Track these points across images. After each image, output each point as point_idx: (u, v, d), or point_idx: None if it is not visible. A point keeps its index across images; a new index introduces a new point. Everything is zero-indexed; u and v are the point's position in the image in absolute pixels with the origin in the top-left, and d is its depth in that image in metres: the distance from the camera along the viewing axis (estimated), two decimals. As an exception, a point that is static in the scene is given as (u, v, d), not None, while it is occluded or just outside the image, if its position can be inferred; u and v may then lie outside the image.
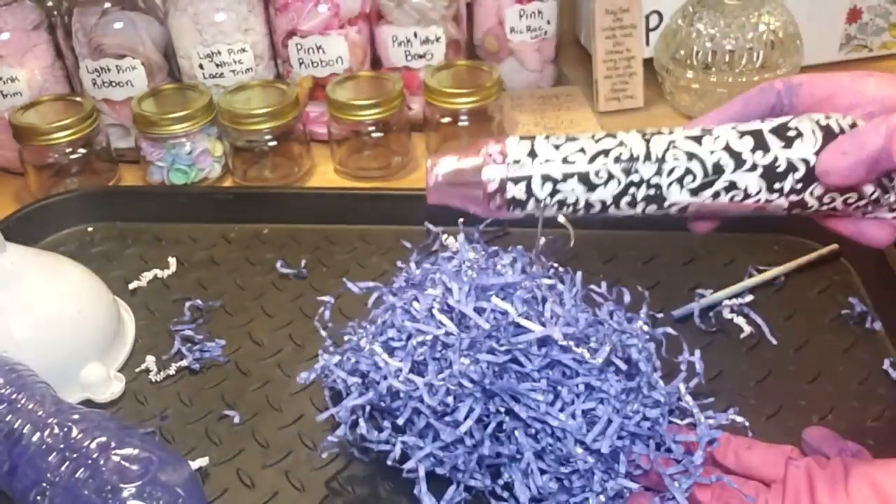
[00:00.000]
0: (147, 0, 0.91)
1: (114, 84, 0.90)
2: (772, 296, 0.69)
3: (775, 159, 0.46)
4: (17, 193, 0.91)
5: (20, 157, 0.87)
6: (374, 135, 0.88)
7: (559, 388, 0.51)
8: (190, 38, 0.91)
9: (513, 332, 0.51)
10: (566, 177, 0.48)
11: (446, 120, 0.89)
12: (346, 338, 0.59)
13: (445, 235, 0.75)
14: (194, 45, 0.91)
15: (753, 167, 0.46)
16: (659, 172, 0.47)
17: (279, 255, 0.77)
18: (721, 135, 0.47)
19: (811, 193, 0.47)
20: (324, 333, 0.60)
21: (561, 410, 0.50)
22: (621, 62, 0.94)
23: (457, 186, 0.50)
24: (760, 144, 0.47)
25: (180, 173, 0.88)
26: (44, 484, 0.50)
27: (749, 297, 0.68)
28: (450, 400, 0.50)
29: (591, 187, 0.48)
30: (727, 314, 0.67)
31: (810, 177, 0.46)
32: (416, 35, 0.93)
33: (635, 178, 0.47)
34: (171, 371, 0.66)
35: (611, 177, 0.47)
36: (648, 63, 0.96)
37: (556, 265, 0.63)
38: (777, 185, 0.47)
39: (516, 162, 0.48)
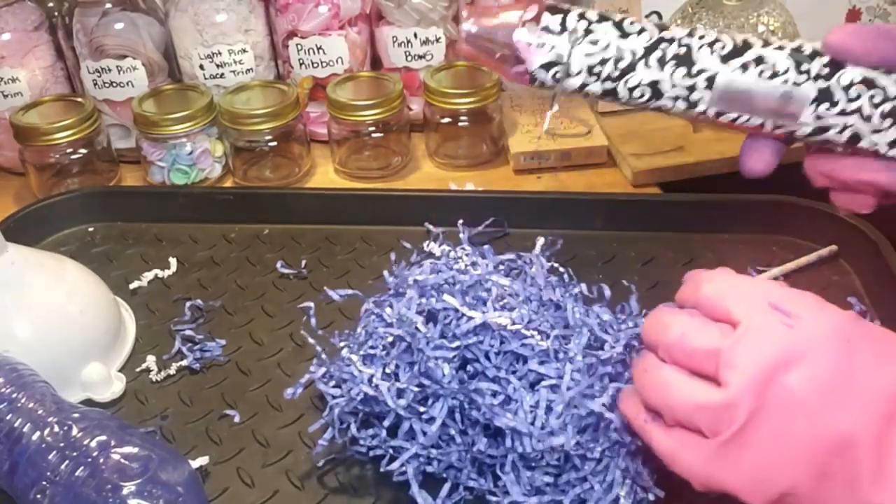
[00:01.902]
0: (148, 0, 0.91)
1: (114, 84, 0.90)
2: (771, 296, 0.69)
3: (801, 45, 0.48)
4: (18, 193, 0.91)
5: (21, 158, 0.87)
6: (374, 135, 0.88)
7: (511, 382, 0.51)
8: (190, 39, 0.91)
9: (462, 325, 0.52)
10: (601, 19, 0.48)
11: (446, 120, 0.89)
12: (340, 344, 0.59)
13: (429, 242, 0.75)
14: (195, 45, 0.91)
15: (781, 48, 0.48)
16: (691, 35, 0.48)
17: (279, 256, 0.77)
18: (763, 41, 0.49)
19: (839, 81, 0.47)
20: (312, 341, 0.60)
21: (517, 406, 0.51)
22: (621, 62, 0.94)
23: (487, 41, 0.49)
24: (792, 42, 0.48)
25: (181, 173, 0.88)
26: (44, 482, 0.50)
27: (748, 297, 0.68)
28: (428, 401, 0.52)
29: (624, 34, 0.48)
30: (726, 314, 0.67)
31: (837, 64, 0.47)
32: (416, 36, 0.93)
33: (667, 35, 0.48)
34: (172, 371, 0.66)
35: (643, 29, 0.48)
36: (648, 63, 0.96)
37: (556, 265, 0.63)
38: (804, 67, 0.47)
39: (547, 29, 0.48)
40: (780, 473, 0.41)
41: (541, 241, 0.67)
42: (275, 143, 0.88)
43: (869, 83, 0.47)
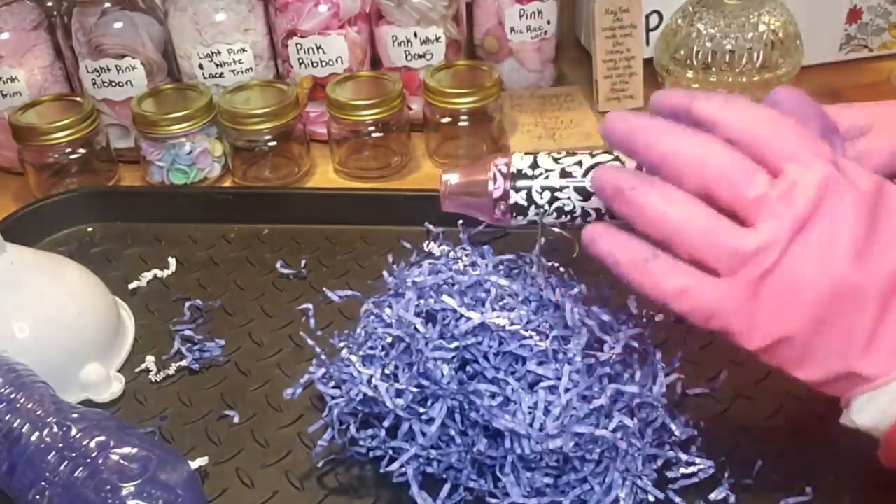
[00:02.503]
0: (147, 0, 0.91)
1: (113, 84, 0.90)
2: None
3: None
4: (16, 193, 0.91)
5: (20, 157, 0.87)
6: (373, 135, 0.88)
7: (509, 383, 0.51)
8: (190, 38, 0.91)
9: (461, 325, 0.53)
10: (563, 187, 0.51)
11: (446, 120, 0.89)
12: (340, 345, 0.59)
13: (429, 242, 0.75)
14: (194, 44, 0.91)
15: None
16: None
17: (279, 256, 0.77)
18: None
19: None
20: (311, 342, 0.60)
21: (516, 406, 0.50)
22: (621, 62, 0.94)
23: (467, 195, 0.55)
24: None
25: (180, 173, 0.88)
26: (43, 483, 0.50)
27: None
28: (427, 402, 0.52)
29: (586, 196, 0.51)
30: (727, 314, 0.67)
31: None
32: (416, 35, 0.93)
33: None
34: (171, 371, 0.66)
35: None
36: (648, 63, 0.96)
37: (557, 266, 0.63)
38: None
39: (519, 171, 0.52)
40: (786, 318, 0.42)
41: (541, 240, 0.67)
42: (274, 143, 0.88)
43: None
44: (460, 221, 0.72)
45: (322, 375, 0.57)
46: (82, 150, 0.87)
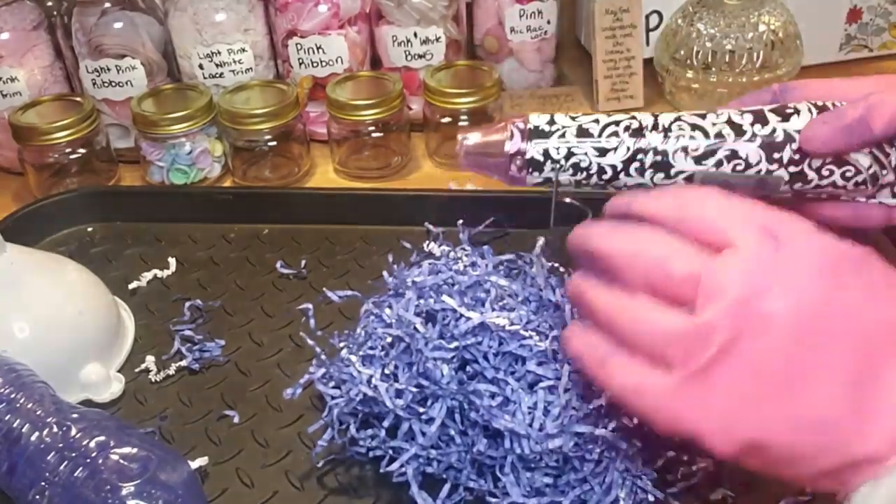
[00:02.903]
0: (147, 0, 0.91)
1: (113, 84, 0.90)
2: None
3: (773, 130, 0.50)
4: (16, 193, 0.91)
5: (20, 157, 0.87)
6: (373, 135, 0.88)
7: (509, 383, 0.51)
8: (190, 38, 0.91)
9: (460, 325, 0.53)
10: (580, 141, 0.51)
11: (446, 120, 0.89)
12: (340, 345, 0.59)
13: (429, 242, 0.75)
14: (194, 44, 0.91)
15: (753, 137, 0.50)
16: (665, 141, 0.50)
17: (279, 256, 0.77)
18: (724, 112, 0.51)
19: (809, 165, 0.50)
20: (311, 342, 0.60)
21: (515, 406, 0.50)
22: (621, 62, 0.94)
23: (483, 155, 0.54)
24: (760, 119, 0.50)
25: (180, 173, 0.88)
26: (43, 483, 0.50)
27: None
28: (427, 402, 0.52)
29: (602, 152, 0.51)
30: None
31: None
32: (416, 35, 0.93)
33: (643, 144, 0.51)
34: (171, 371, 0.66)
35: (620, 144, 0.51)
36: (648, 63, 0.96)
37: (557, 266, 0.63)
38: (776, 155, 0.50)
39: (536, 128, 0.52)
40: (751, 415, 0.38)
41: (541, 240, 0.67)
42: (274, 143, 0.88)
43: (839, 161, 0.50)
44: (460, 221, 0.72)
45: (322, 375, 0.57)
46: (82, 150, 0.87)
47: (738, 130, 0.50)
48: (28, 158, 0.87)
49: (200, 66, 0.91)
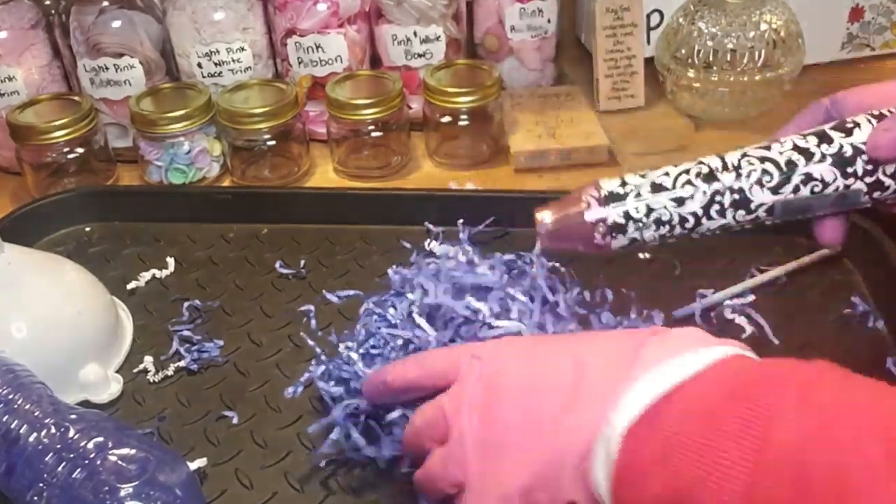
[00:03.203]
0: (145, -1, 0.90)
1: (112, 83, 0.90)
2: (774, 296, 0.69)
3: (840, 147, 0.51)
4: (14, 193, 0.91)
5: (17, 157, 0.87)
6: (373, 134, 0.88)
7: None
8: (188, 37, 0.90)
9: (486, 331, 0.53)
10: (656, 196, 0.52)
11: (446, 119, 0.89)
12: (340, 345, 0.59)
13: (430, 241, 0.74)
14: (193, 43, 0.90)
15: (823, 157, 0.51)
16: (738, 178, 0.51)
17: (278, 256, 0.77)
18: (787, 140, 0.52)
19: (884, 172, 0.50)
20: (311, 343, 0.59)
21: None
22: (622, 61, 0.94)
23: (564, 229, 0.54)
24: (824, 138, 0.51)
25: (179, 173, 0.88)
26: (41, 484, 0.49)
27: (751, 298, 0.68)
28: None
29: (680, 202, 0.52)
30: (729, 314, 0.67)
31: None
32: (415, 34, 0.92)
33: (718, 186, 0.51)
34: (170, 371, 0.65)
35: (696, 190, 0.52)
36: (649, 62, 0.96)
37: (556, 265, 0.62)
38: (849, 169, 0.51)
39: (611, 193, 0.53)
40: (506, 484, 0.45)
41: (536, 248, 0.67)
42: (273, 143, 0.87)
43: None
44: (460, 221, 0.72)
45: (321, 374, 0.57)
46: (80, 150, 0.86)
47: (807, 154, 0.51)
48: (26, 158, 0.86)
49: (199, 65, 0.91)
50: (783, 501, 0.35)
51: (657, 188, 0.52)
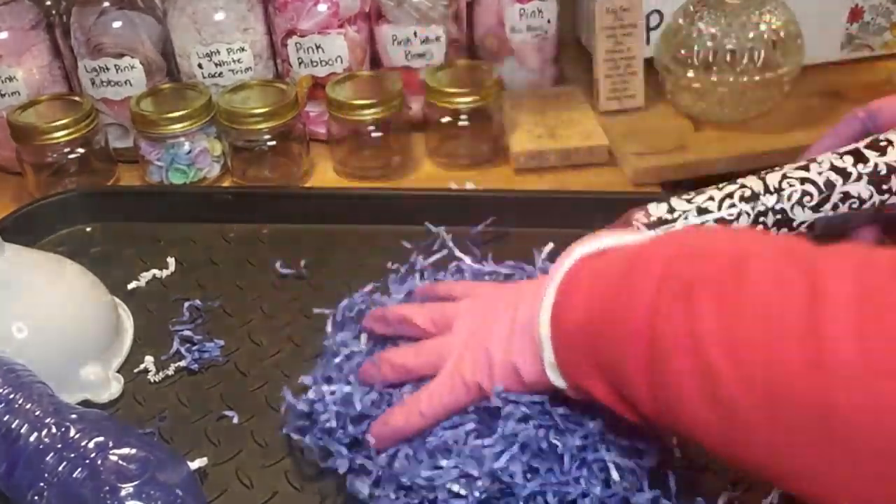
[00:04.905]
0: (146, -1, 0.90)
1: (112, 83, 0.90)
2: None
3: (876, 165, 0.54)
4: (15, 193, 0.91)
5: (18, 157, 0.87)
6: (373, 134, 0.88)
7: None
8: (189, 38, 0.90)
9: None
10: (703, 221, 0.55)
11: (446, 119, 0.89)
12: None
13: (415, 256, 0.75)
14: (193, 44, 0.90)
15: (859, 177, 0.54)
16: (780, 200, 0.54)
17: (278, 256, 0.77)
18: (824, 159, 0.55)
19: None
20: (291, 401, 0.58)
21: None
22: (622, 62, 0.94)
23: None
24: (859, 158, 0.54)
25: (179, 173, 0.88)
26: (41, 484, 0.49)
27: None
28: None
29: (727, 224, 0.55)
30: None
31: None
32: (415, 34, 0.92)
33: (761, 208, 0.55)
34: (170, 371, 0.65)
35: (741, 213, 0.55)
36: (649, 62, 0.96)
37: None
38: (884, 186, 0.54)
39: (660, 220, 0.55)
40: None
41: (549, 247, 0.67)
42: (274, 143, 0.87)
43: None
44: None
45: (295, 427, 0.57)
46: (81, 150, 0.86)
47: (844, 174, 0.54)
48: (26, 158, 0.86)
49: (199, 66, 0.91)
50: (682, 270, 0.41)
51: (703, 211, 0.55)
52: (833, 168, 0.54)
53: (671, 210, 0.56)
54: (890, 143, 0.54)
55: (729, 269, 0.39)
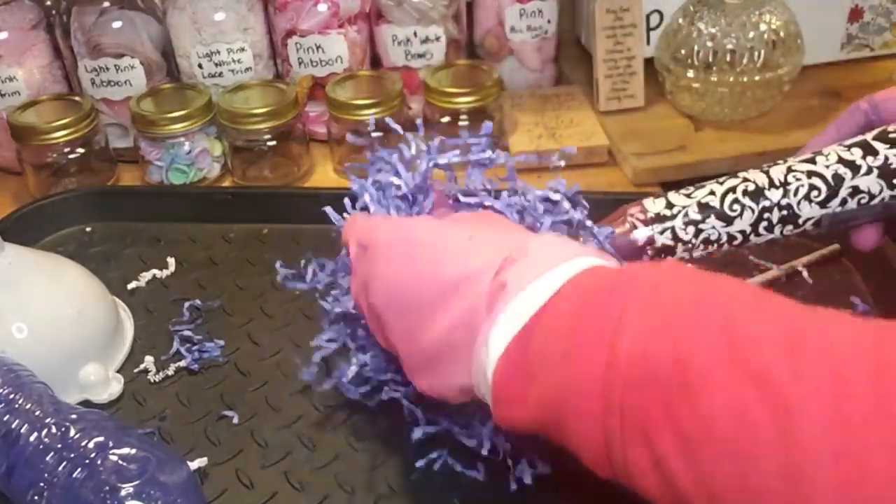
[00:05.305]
0: (146, -1, 0.91)
1: (112, 83, 0.90)
2: (773, 295, 0.69)
3: (886, 158, 0.51)
4: (15, 193, 0.91)
5: (18, 157, 0.87)
6: (373, 134, 0.88)
7: None
8: (189, 38, 0.90)
9: None
10: (704, 217, 0.52)
11: (446, 120, 0.89)
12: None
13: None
14: (193, 44, 0.90)
15: (869, 170, 0.51)
16: (786, 195, 0.51)
17: (279, 256, 0.76)
18: (831, 152, 0.52)
19: None
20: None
21: None
22: (622, 61, 0.94)
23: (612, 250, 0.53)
24: (868, 150, 0.51)
25: (179, 173, 0.88)
26: (41, 484, 0.49)
27: (750, 297, 0.68)
28: None
29: (729, 221, 0.52)
30: (729, 314, 0.67)
31: None
32: (415, 34, 0.92)
33: (766, 203, 0.51)
34: (170, 371, 0.65)
35: (744, 208, 0.52)
36: (649, 62, 0.96)
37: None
38: (895, 181, 0.51)
39: (658, 216, 0.52)
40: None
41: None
42: (274, 143, 0.87)
43: None
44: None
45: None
46: (81, 150, 0.86)
47: (853, 167, 0.51)
48: (27, 158, 0.86)
49: (199, 66, 0.91)
50: (634, 401, 0.35)
51: (704, 208, 0.52)
52: (841, 161, 0.51)
53: (670, 206, 0.52)
54: None
55: (683, 398, 0.34)
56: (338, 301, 0.57)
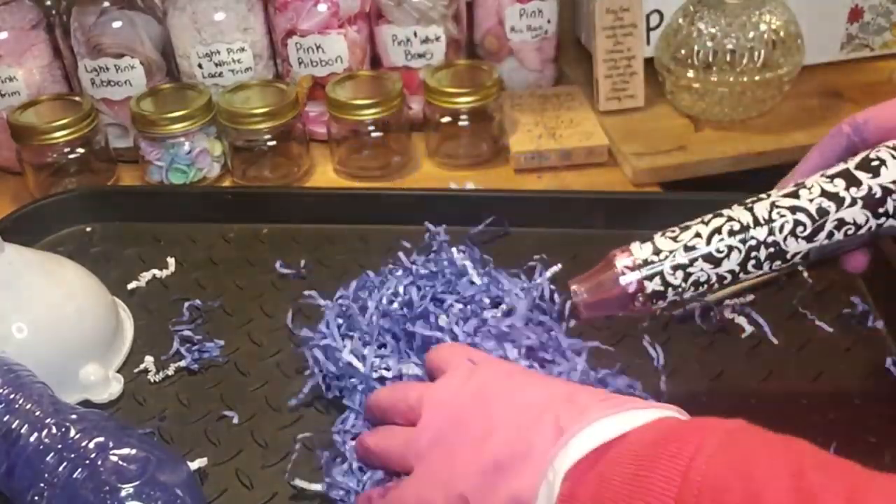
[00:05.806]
0: (146, -1, 0.91)
1: (112, 83, 0.90)
2: (773, 295, 0.69)
3: (869, 188, 0.51)
4: (15, 193, 0.91)
5: (18, 157, 0.87)
6: (373, 134, 0.88)
7: None
8: (189, 38, 0.90)
9: None
10: (692, 261, 0.52)
11: (446, 120, 0.89)
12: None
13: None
14: (193, 44, 0.90)
15: (853, 202, 0.51)
16: (771, 232, 0.51)
17: (278, 256, 0.77)
18: (814, 184, 0.52)
19: None
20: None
21: None
22: (622, 61, 0.94)
23: (602, 299, 0.54)
24: (851, 181, 0.51)
25: (179, 173, 0.88)
26: (41, 484, 0.49)
27: (750, 297, 0.68)
28: None
29: (717, 263, 0.52)
30: (728, 314, 0.67)
31: None
32: (415, 34, 0.92)
33: (752, 243, 0.51)
34: (170, 371, 0.65)
35: (731, 249, 0.51)
36: (649, 62, 0.96)
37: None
38: (881, 210, 0.51)
39: (645, 262, 0.52)
40: (450, 483, 0.47)
41: (551, 270, 0.67)
42: (274, 143, 0.87)
43: None
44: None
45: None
46: (81, 150, 0.86)
47: (837, 199, 0.51)
48: (27, 158, 0.86)
49: (199, 66, 0.91)
50: None
51: (690, 250, 0.52)
52: (824, 194, 0.51)
53: (657, 251, 0.52)
54: (882, 162, 0.51)
55: None
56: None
